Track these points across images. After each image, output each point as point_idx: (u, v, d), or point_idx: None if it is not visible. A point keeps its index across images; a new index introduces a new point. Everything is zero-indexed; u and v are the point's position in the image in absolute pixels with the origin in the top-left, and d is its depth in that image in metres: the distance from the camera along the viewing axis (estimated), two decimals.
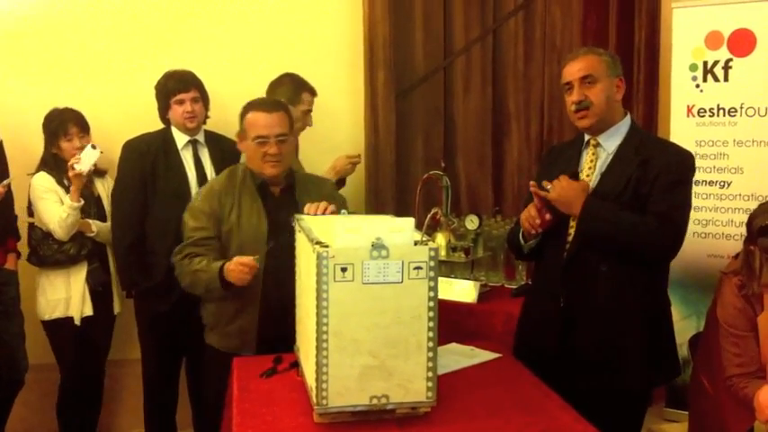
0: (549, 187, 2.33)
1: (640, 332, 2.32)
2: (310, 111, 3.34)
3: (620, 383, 2.32)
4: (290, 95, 3.24)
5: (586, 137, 2.46)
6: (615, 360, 2.32)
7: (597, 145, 2.42)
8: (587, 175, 2.40)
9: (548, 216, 2.35)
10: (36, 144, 3.30)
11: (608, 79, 2.36)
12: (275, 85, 3.31)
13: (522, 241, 2.50)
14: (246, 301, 2.53)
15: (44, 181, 3.16)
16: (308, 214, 2.34)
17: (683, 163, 2.37)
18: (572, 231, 2.37)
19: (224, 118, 3.22)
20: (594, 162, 2.41)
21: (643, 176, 2.30)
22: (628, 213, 2.27)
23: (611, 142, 2.40)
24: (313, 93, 3.35)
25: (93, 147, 3.09)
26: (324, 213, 2.36)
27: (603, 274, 2.30)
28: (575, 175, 2.37)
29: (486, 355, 2.44)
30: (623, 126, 2.41)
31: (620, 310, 2.32)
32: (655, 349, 2.36)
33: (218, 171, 2.49)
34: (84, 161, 3.06)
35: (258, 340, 2.55)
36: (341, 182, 3.46)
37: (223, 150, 3.22)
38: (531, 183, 2.38)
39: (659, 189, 2.28)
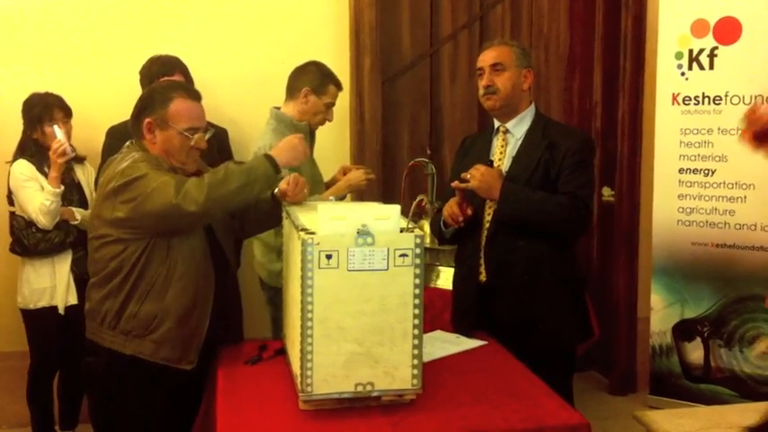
0: (468, 177, 2.51)
1: (555, 297, 2.54)
2: (333, 104, 3.16)
3: (537, 342, 2.48)
4: (315, 84, 3.08)
5: (496, 124, 2.68)
6: (533, 323, 2.51)
7: (506, 132, 2.64)
8: (499, 160, 2.62)
9: (469, 211, 2.55)
10: (12, 130, 3.25)
11: (516, 69, 2.60)
12: (300, 72, 3.14)
13: (443, 228, 2.70)
14: (199, 299, 2.21)
15: (25, 169, 3.11)
16: (285, 191, 2.27)
17: (585, 145, 2.61)
18: (490, 212, 2.58)
19: (209, 103, 3.18)
20: (505, 148, 2.64)
21: (551, 159, 2.54)
22: (541, 193, 2.50)
23: (518, 128, 2.63)
24: (339, 86, 3.17)
25: (56, 126, 3.08)
26: (297, 185, 2.28)
27: (521, 248, 2.52)
28: (489, 164, 2.59)
29: (471, 343, 2.44)
30: (529, 113, 2.65)
31: (536, 278, 2.53)
32: (569, 310, 2.59)
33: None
34: (65, 142, 3.04)
35: (203, 347, 2.23)
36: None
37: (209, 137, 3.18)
38: (455, 183, 2.56)
39: (566, 170, 2.52)
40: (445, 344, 2.43)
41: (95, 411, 3.13)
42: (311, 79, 3.09)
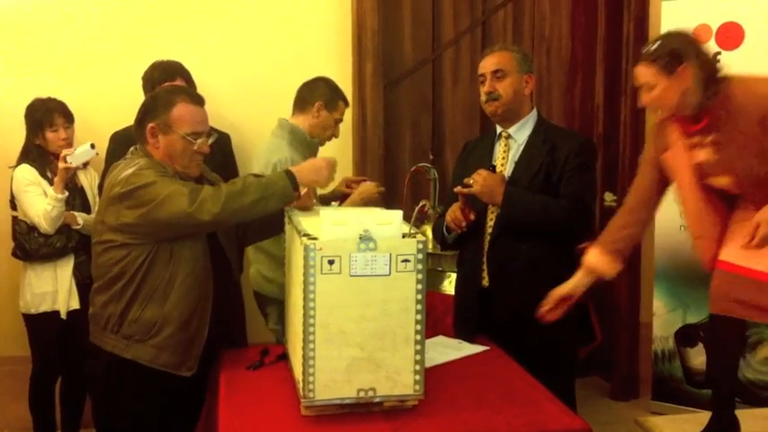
0: (471, 182, 2.52)
1: None
2: (341, 120, 3.17)
3: (539, 346, 2.47)
4: (327, 99, 3.08)
5: (498, 130, 2.69)
6: (535, 327, 2.44)
7: (508, 137, 2.66)
8: (501, 165, 2.63)
9: (471, 216, 2.57)
10: (16, 135, 3.26)
11: (518, 75, 2.61)
12: (311, 87, 3.12)
13: (446, 233, 2.70)
14: (200, 304, 2.21)
15: (27, 173, 3.12)
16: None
17: (587, 148, 2.63)
18: (492, 217, 2.60)
19: (211, 109, 3.21)
20: (507, 153, 2.65)
21: (552, 162, 2.55)
22: (543, 197, 2.51)
23: (520, 134, 2.64)
24: (347, 102, 3.19)
25: (93, 146, 3.06)
26: (308, 196, 2.30)
27: (523, 252, 2.53)
28: (492, 169, 2.60)
29: (473, 348, 2.44)
30: (531, 119, 2.66)
31: (538, 282, 2.49)
32: (571, 315, 2.52)
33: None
34: (77, 157, 3.03)
35: (203, 353, 2.23)
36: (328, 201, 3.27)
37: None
38: (457, 188, 2.58)
39: (567, 173, 2.53)
40: (447, 349, 2.42)
41: (98, 414, 3.13)
42: (323, 94, 3.08)
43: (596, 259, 2.34)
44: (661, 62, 2.09)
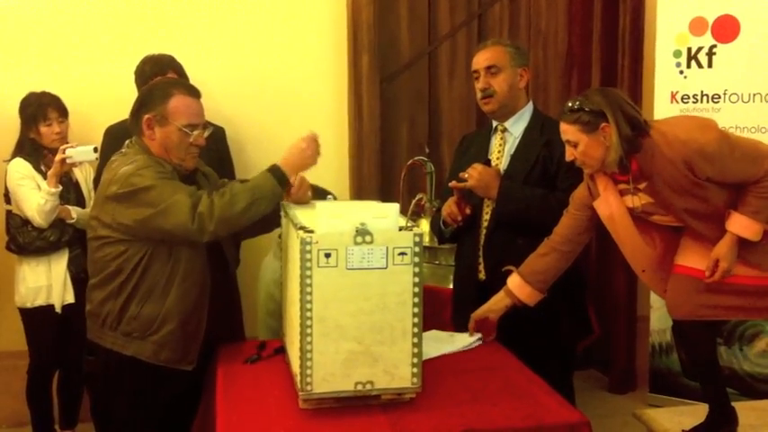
0: (466, 176, 2.51)
1: (554, 294, 2.44)
2: None
3: (537, 340, 2.47)
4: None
5: (494, 123, 2.67)
6: (533, 320, 2.44)
7: (504, 130, 2.64)
8: (497, 158, 2.62)
9: (467, 210, 2.56)
10: (10, 129, 3.24)
11: (511, 69, 2.59)
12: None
13: (443, 227, 2.70)
14: (200, 300, 2.22)
15: (21, 167, 3.11)
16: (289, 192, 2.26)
17: None
18: (488, 211, 2.58)
19: (207, 103, 3.21)
20: (503, 146, 2.64)
21: (549, 156, 2.53)
22: (539, 191, 2.50)
23: (516, 127, 2.63)
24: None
25: (95, 150, 3.05)
26: (301, 188, 2.30)
27: (519, 246, 2.49)
28: (487, 163, 2.59)
29: (466, 338, 2.43)
30: (527, 112, 2.65)
31: None
32: (569, 308, 2.58)
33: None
34: (78, 153, 3.01)
35: (202, 346, 2.24)
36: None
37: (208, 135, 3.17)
38: (452, 182, 2.56)
39: (564, 167, 2.46)
40: (440, 343, 2.41)
41: (97, 409, 3.12)
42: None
43: (519, 290, 2.38)
44: (582, 121, 2.11)
